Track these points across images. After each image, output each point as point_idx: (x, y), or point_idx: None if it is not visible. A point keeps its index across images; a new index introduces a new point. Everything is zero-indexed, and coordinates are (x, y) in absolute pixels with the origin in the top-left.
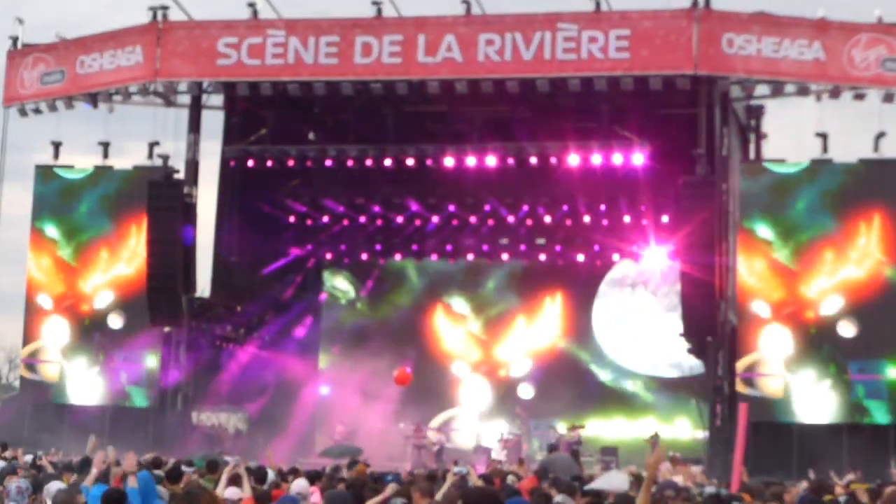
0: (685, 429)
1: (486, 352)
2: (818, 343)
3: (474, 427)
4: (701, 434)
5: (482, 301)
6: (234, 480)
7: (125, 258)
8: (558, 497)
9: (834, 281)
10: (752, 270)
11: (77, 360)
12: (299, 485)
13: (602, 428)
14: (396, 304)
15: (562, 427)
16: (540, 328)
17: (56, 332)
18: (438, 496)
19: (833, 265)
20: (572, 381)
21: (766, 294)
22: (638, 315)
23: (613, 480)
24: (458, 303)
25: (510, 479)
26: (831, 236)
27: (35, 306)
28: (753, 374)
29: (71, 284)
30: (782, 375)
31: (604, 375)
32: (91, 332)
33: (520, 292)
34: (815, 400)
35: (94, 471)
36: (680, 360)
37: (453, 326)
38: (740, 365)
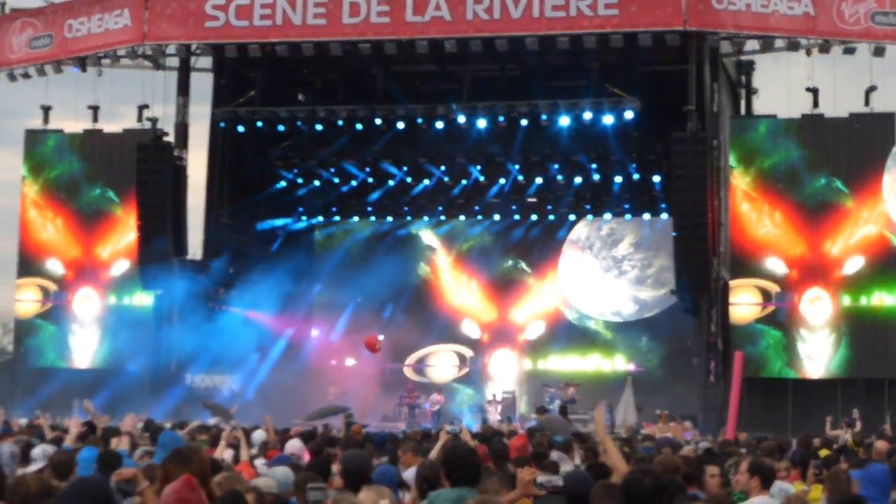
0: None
1: (489, 311)
2: None
3: (452, 363)
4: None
5: (473, 259)
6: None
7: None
8: (553, 454)
9: None
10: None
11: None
12: (293, 445)
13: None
14: (390, 263)
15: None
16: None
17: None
18: (432, 455)
19: None
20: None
21: None
22: (584, 273)
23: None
24: (449, 261)
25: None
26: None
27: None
28: None
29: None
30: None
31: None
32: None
33: (511, 250)
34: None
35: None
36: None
37: (445, 280)
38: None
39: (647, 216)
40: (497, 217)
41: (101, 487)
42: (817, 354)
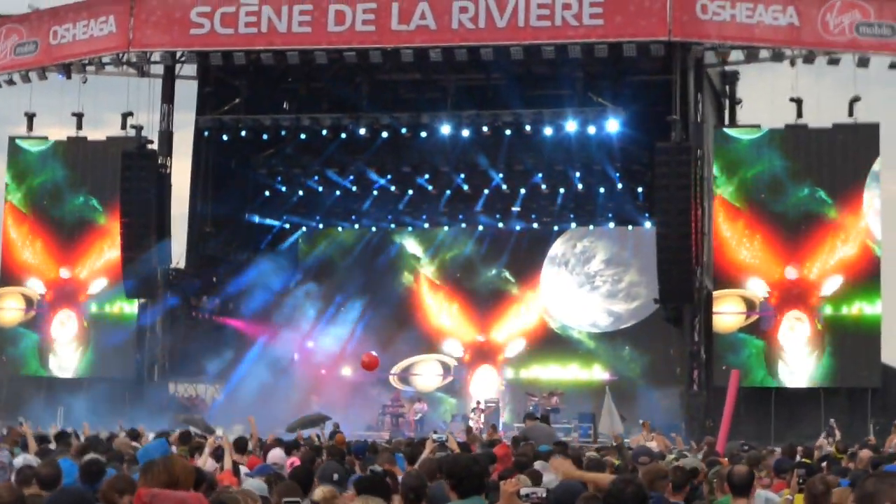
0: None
1: (472, 330)
2: None
3: (436, 373)
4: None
5: (457, 268)
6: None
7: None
8: (537, 464)
9: None
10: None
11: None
12: (275, 455)
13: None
14: (374, 272)
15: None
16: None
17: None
18: (419, 464)
19: None
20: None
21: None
22: (562, 287)
23: (614, 425)
24: (432, 271)
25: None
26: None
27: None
28: None
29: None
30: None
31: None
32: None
33: (495, 259)
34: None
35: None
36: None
37: (430, 295)
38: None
39: (630, 227)
40: (481, 227)
41: (83, 498)
42: (798, 370)
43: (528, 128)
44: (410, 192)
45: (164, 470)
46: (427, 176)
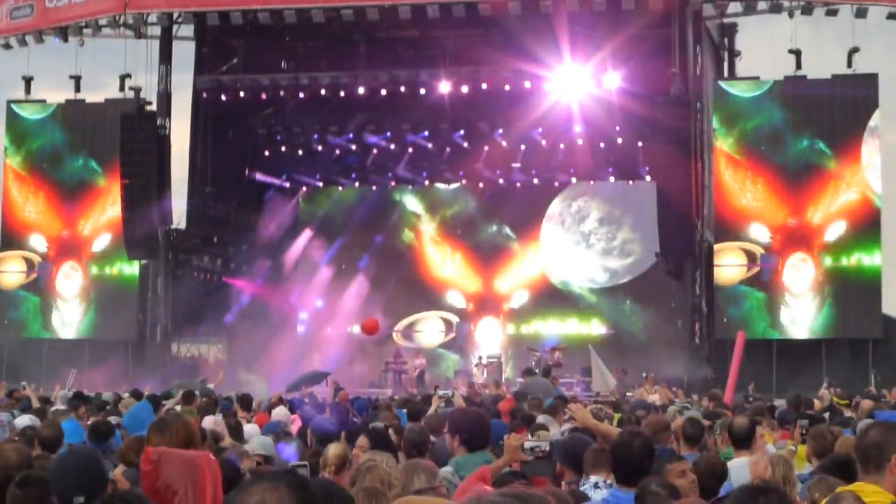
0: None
1: (475, 282)
2: None
3: (439, 329)
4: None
5: (458, 225)
6: (214, 406)
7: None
8: (540, 417)
9: None
10: None
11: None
12: (279, 413)
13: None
14: (375, 230)
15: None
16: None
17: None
18: (423, 420)
19: None
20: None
21: None
22: (560, 245)
23: (607, 382)
24: (433, 228)
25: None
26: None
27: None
28: None
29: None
30: None
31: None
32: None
33: (496, 216)
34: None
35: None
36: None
37: (432, 248)
38: None
39: (630, 181)
40: (481, 183)
41: (92, 458)
42: (801, 318)
43: (527, 83)
44: (410, 149)
45: (182, 428)
46: (426, 133)
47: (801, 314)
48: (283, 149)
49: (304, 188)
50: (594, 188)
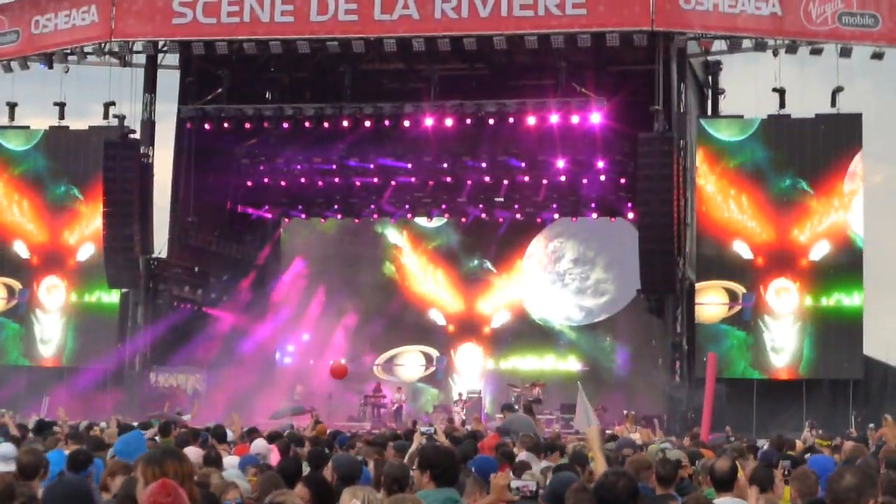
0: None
1: (453, 301)
2: None
3: (419, 363)
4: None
5: (439, 258)
6: (193, 438)
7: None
8: (522, 454)
9: None
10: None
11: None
12: (258, 445)
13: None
14: (353, 263)
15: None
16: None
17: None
18: (406, 457)
19: None
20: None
21: None
22: (538, 283)
23: (589, 419)
24: (416, 262)
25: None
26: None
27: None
28: None
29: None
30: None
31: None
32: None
33: (477, 250)
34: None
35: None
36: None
37: (412, 273)
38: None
39: (613, 219)
40: (463, 218)
41: (81, 487)
42: (782, 346)
43: (510, 119)
44: (393, 182)
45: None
46: (409, 166)
47: (783, 342)
48: (266, 179)
49: (287, 219)
50: (569, 229)
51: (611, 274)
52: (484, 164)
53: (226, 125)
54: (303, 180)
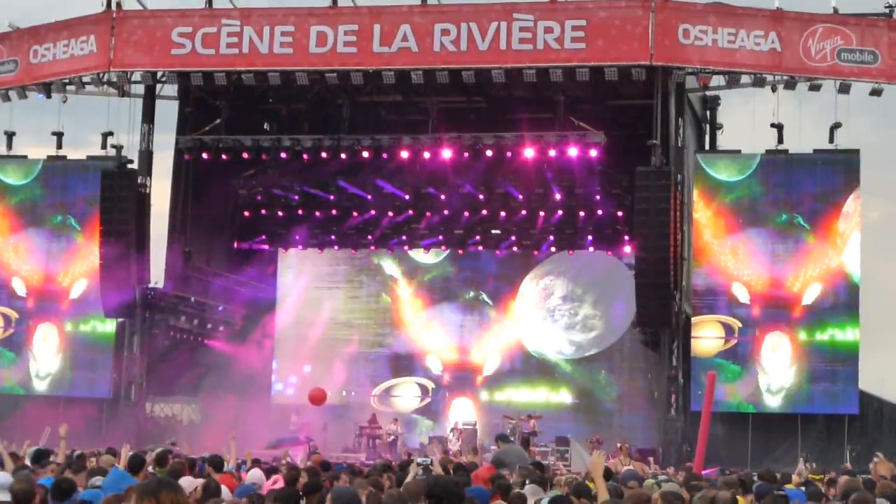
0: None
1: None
2: None
3: (414, 394)
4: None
5: (435, 290)
6: (189, 468)
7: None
8: (528, 487)
9: None
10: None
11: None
12: (254, 475)
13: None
14: (349, 294)
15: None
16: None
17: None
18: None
19: None
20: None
21: None
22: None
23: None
24: (410, 292)
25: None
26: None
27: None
28: None
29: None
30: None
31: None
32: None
33: (474, 283)
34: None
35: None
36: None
37: (407, 314)
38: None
39: (609, 253)
40: (460, 249)
41: None
42: (778, 381)
43: (508, 151)
44: (390, 213)
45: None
46: (407, 198)
47: (778, 389)
48: (264, 210)
49: (284, 250)
50: (558, 267)
51: (598, 310)
52: (482, 197)
53: (224, 156)
54: (300, 211)
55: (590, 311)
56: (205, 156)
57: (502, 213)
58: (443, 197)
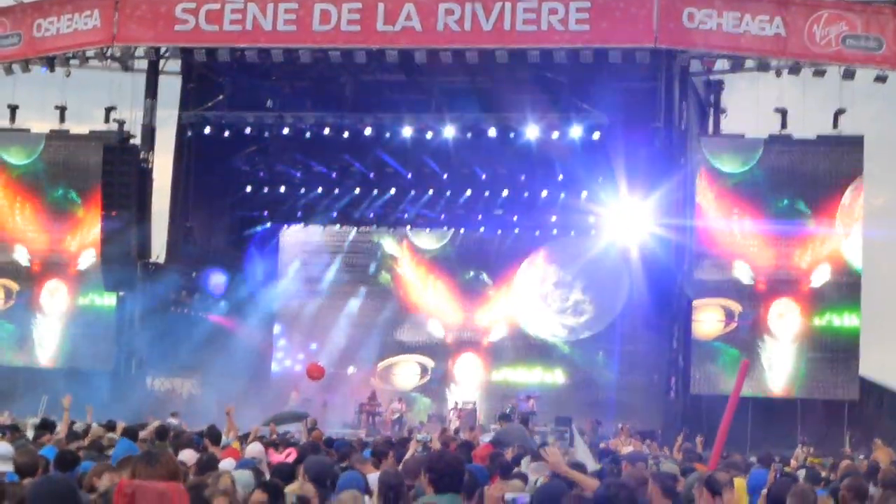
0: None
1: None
2: None
3: (414, 372)
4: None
5: (435, 269)
6: (187, 444)
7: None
8: (532, 465)
9: None
10: None
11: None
12: (254, 448)
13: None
14: (351, 272)
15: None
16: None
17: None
18: (401, 463)
19: None
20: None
21: None
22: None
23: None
24: (413, 272)
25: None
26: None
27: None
28: None
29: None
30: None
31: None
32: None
33: (474, 262)
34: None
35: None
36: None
37: (410, 282)
38: None
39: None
40: (462, 228)
41: (67, 485)
42: (779, 365)
43: (511, 131)
44: (392, 191)
45: (167, 462)
46: (409, 176)
47: (777, 373)
48: (266, 187)
49: (286, 226)
50: (551, 254)
51: (588, 296)
52: (483, 177)
53: (226, 132)
54: (302, 189)
55: (579, 296)
56: (207, 132)
57: (504, 193)
58: (445, 176)
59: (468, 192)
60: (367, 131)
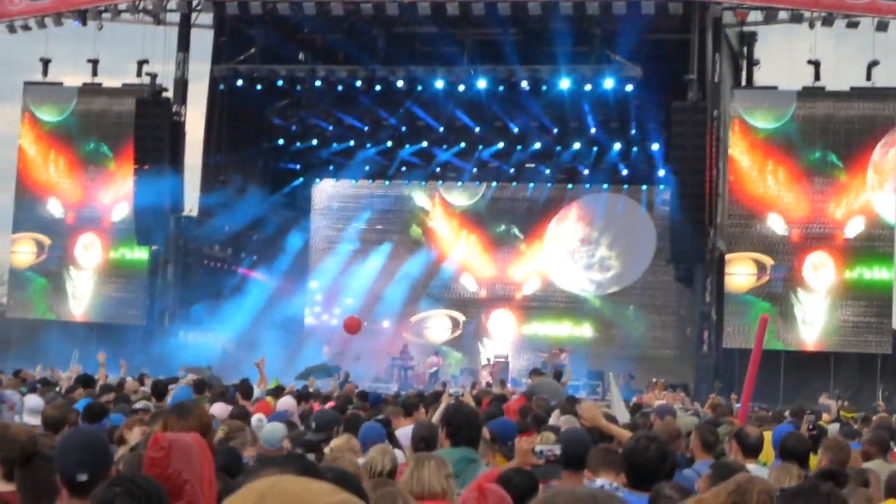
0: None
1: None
2: None
3: (446, 327)
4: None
5: (466, 223)
6: (221, 396)
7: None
8: (563, 418)
9: None
10: None
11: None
12: (286, 402)
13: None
14: (387, 224)
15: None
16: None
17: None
18: (435, 417)
19: None
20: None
21: None
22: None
23: (620, 415)
24: (443, 225)
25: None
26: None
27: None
28: None
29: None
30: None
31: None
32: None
33: (505, 216)
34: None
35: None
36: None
37: (441, 237)
38: None
39: (644, 186)
40: (494, 182)
41: (96, 437)
42: (813, 318)
43: (544, 84)
44: (424, 144)
45: (199, 415)
46: (441, 130)
47: (811, 326)
48: (298, 140)
49: (318, 180)
50: (577, 212)
51: (613, 251)
52: (516, 130)
53: (258, 85)
54: (334, 142)
55: (605, 252)
56: (239, 85)
57: (536, 147)
58: (477, 129)
59: (500, 145)
60: (399, 84)
